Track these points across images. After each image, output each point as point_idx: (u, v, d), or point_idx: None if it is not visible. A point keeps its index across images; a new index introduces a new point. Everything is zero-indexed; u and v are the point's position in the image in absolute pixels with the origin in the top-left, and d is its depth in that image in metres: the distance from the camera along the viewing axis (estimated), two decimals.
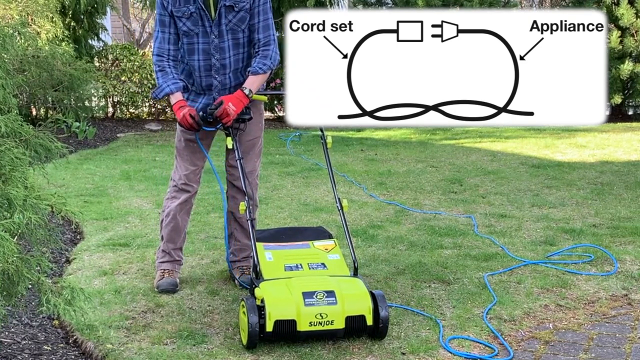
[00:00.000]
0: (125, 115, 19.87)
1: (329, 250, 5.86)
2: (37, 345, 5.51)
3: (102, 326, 5.70)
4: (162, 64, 6.42)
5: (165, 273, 6.61)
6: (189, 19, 6.27)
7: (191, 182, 6.76)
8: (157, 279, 6.60)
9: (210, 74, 6.46)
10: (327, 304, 5.20)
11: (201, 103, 6.54)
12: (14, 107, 4.45)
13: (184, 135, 6.63)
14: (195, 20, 6.28)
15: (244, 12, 6.36)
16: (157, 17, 6.39)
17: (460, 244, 7.88)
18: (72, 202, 9.55)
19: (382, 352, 5.25)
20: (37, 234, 4.58)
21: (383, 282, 6.69)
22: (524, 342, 5.48)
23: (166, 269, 6.65)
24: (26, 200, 4.35)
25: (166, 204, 6.77)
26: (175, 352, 5.25)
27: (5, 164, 4.30)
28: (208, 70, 6.46)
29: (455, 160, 13.65)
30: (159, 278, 6.59)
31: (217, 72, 6.45)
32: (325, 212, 9.20)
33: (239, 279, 6.61)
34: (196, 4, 6.20)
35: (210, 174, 11.66)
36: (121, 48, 19.71)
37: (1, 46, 4.24)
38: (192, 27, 6.31)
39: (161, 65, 6.42)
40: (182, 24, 6.29)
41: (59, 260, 7.55)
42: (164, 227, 6.72)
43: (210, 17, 6.28)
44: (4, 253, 3.93)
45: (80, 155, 14.15)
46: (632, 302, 6.28)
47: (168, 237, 6.68)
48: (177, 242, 6.75)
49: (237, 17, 6.34)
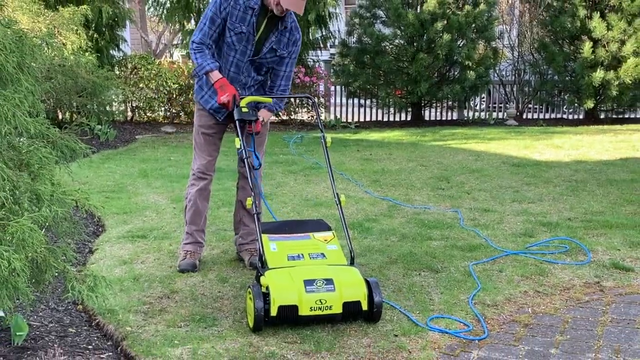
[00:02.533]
0: (143, 118, 19.86)
1: (328, 241, 5.85)
2: (62, 328, 5.51)
3: (122, 310, 5.69)
4: (202, 47, 6.49)
5: (187, 254, 6.82)
6: (236, 35, 6.43)
7: (208, 170, 6.94)
8: (180, 259, 6.82)
9: (234, 85, 6.54)
10: (326, 291, 5.20)
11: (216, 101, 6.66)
12: (42, 111, 4.44)
13: (202, 130, 6.81)
14: (240, 39, 6.45)
15: (280, 57, 6.65)
16: (208, 13, 6.47)
17: (448, 236, 7.88)
18: (95, 197, 9.56)
19: (376, 334, 5.24)
20: (62, 226, 4.57)
21: (377, 271, 6.68)
22: (506, 325, 5.48)
23: (189, 250, 6.86)
24: (53, 195, 4.34)
25: (188, 191, 6.99)
26: (189, 334, 5.24)
27: (34, 162, 4.29)
28: (233, 82, 6.58)
29: (442, 160, 13.65)
30: (182, 258, 6.81)
31: (240, 86, 6.65)
32: (324, 207, 9.20)
33: (249, 260, 6.81)
34: (249, 27, 6.37)
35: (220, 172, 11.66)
36: (139, 58, 19.73)
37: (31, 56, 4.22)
38: (236, 42, 6.48)
39: (201, 49, 6.49)
40: (229, 36, 6.45)
41: (83, 250, 7.55)
42: (187, 212, 6.97)
43: (253, 43, 6.48)
44: (33, 244, 3.92)
45: (102, 155, 14.15)
46: (603, 288, 6.28)
47: (190, 220, 6.92)
48: (199, 224, 6.96)
49: (273, 58, 6.62)
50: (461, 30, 20.07)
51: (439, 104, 22.58)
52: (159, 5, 20.30)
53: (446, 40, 19.60)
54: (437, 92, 20.69)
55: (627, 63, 19.92)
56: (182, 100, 19.73)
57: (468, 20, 20.00)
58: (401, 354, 4.91)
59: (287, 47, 6.62)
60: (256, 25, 6.41)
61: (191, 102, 19.89)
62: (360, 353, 4.92)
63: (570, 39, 21.65)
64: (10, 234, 3.86)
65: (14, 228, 3.87)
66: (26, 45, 4.17)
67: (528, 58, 23.36)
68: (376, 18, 20.89)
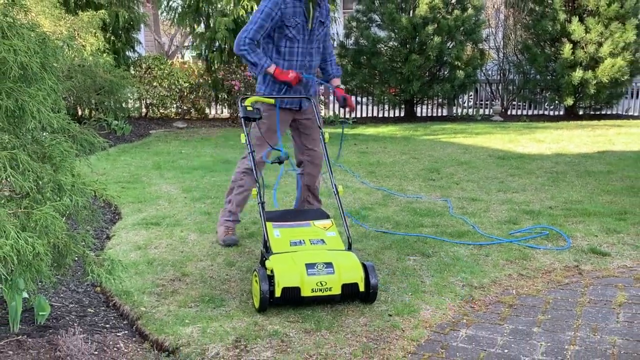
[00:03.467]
0: (156, 115, 19.84)
1: (327, 228, 5.86)
2: (82, 308, 5.51)
3: (137, 292, 5.70)
4: (252, 45, 6.60)
5: (229, 230, 7.14)
6: (295, 28, 6.63)
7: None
8: (222, 234, 7.12)
9: (302, 72, 6.79)
10: (326, 274, 5.20)
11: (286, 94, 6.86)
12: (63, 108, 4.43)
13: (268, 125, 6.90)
14: (299, 30, 6.66)
15: (325, 27, 6.96)
16: (265, 9, 6.57)
17: (438, 223, 7.88)
18: (112, 187, 9.55)
19: (372, 313, 5.24)
20: (82, 214, 4.57)
21: (373, 255, 6.68)
22: (491, 306, 5.47)
23: (229, 226, 7.17)
24: (74, 186, 4.34)
25: (240, 177, 7.11)
26: (198, 314, 5.24)
27: (56, 155, 4.29)
28: (301, 68, 6.82)
29: (433, 153, 13.64)
30: (224, 233, 7.12)
31: (307, 70, 6.88)
32: (324, 197, 9.17)
33: None
34: (301, 17, 6.62)
35: (229, 164, 11.65)
36: (153, 58, 19.71)
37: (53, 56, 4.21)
38: (296, 34, 6.67)
39: (252, 47, 6.60)
40: (289, 31, 6.63)
41: (101, 236, 7.54)
42: (235, 194, 7.15)
43: (308, 28, 6.72)
44: (55, 230, 3.92)
45: (118, 148, 14.14)
46: (582, 272, 6.28)
47: (238, 202, 7.16)
48: (242, 208, 7.29)
49: (323, 30, 6.93)
50: (451, 33, 20.05)
51: (430, 101, 22.56)
52: (171, 10, 20.26)
53: (437, 42, 19.57)
54: (428, 90, 20.68)
55: (604, 63, 19.91)
56: (193, 97, 19.72)
57: (457, 23, 19.97)
58: (395, 332, 4.91)
59: (327, 15, 6.93)
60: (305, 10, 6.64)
61: (201, 100, 19.87)
62: (357, 331, 4.92)
63: (551, 41, 21.60)
64: (34, 221, 3.86)
65: (38, 216, 3.87)
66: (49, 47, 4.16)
67: (512, 59, 23.33)
68: (372, 22, 20.86)
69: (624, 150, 13.96)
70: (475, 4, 20.46)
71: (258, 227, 7.51)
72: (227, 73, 19.00)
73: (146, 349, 4.73)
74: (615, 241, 7.18)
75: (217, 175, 10.96)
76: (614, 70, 19.86)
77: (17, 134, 4.00)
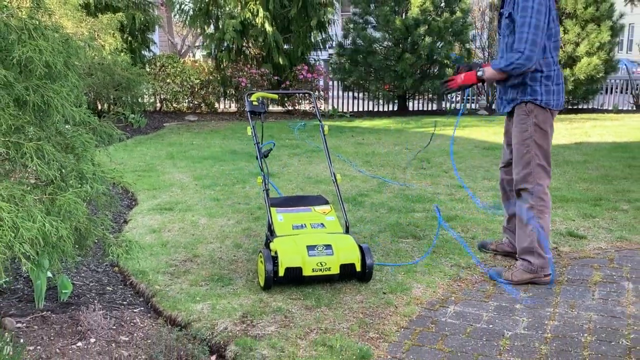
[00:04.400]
0: (170, 109, 19.81)
1: (326, 213, 5.86)
2: (101, 287, 5.51)
3: (152, 272, 5.70)
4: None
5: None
6: (554, 22, 5.39)
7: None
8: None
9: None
10: (326, 255, 5.21)
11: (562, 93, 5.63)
12: (84, 102, 4.43)
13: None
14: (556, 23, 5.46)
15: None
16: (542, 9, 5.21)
17: (428, 209, 7.87)
18: (129, 176, 9.56)
19: (368, 291, 5.24)
20: (101, 200, 4.57)
21: (369, 238, 6.68)
22: (478, 284, 5.48)
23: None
24: (94, 174, 4.34)
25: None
26: (208, 291, 5.24)
27: (78, 145, 4.28)
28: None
29: (423, 143, 13.60)
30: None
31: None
32: (323, 184, 9.19)
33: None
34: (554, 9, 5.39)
35: (235, 154, 11.64)
36: (166, 57, 19.70)
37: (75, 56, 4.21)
38: (555, 26, 5.42)
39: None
40: (553, 26, 5.36)
41: (119, 220, 7.55)
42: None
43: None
44: (77, 215, 3.92)
45: (134, 140, 14.13)
46: (560, 253, 6.29)
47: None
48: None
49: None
50: (440, 33, 20.00)
51: (421, 96, 22.51)
52: (183, 13, 20.24)
53: (427, 42, 19.53)
54: (419, 86, 20.65)
55: (581, 62, 19.88)
56: (203, 93, 19.69)
57: (446, 25, 19.93)
58: (389, 309, 4.92)
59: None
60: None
61: (211, 95, 19.84)
62: (354, 308, 4.93)
63: None
64: (58, 206, 3.85)
65: (61, 201, 3.86)
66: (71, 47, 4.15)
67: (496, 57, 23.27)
68: (368, 23, 20.83)
69: (599, 142, 13.94)
70: (462, 7, 20.44)
71: (263, 212, 7.50)
72: (234, 71, 18.99)
73: (160, 324, 4.74)
74: (591, 225, 7.18)
75: (225, 165, 10.95)
76: (590, 68, 19.84)
77: (42, 127, 4.00)
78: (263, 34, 18.76)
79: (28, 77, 3.82)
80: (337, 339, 4.38)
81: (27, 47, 3.72)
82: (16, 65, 3.75)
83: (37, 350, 4.21)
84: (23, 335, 4.40)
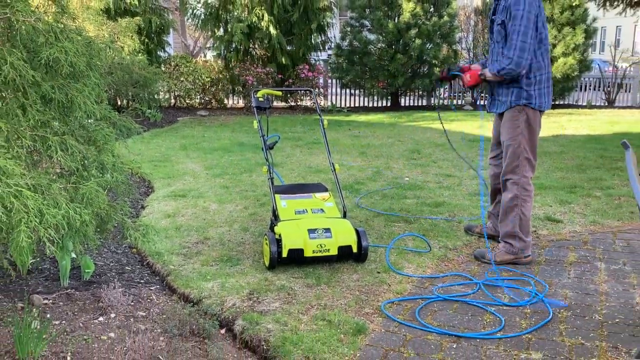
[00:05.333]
0: (183, 104, 19.77)
1: (326, 199, 5.85)
2: (121, 266, 5.51)
3: (167, 253, 5.70)
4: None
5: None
6: (544, 26, 5.32)
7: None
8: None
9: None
10: (325, 237, 5.21)
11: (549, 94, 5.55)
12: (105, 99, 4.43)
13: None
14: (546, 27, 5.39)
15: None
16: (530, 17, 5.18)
17: (419, 195, 7.86)
18: (146, 166, 9.54)
19: (363, 271, 5.24)
20: (121, 188, 4.56)
21: (364, 222, 6.67)
22: (464, 264, 5.48)
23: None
24: (114, 164, 4.33)
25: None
26: (218, 271, 5.24)
27: (99, 138, 4.28)
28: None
29: (414, 137, 13.61)
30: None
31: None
32: (323, 173, 9.18)
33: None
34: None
35: (242, 146, 11.62)
36: (180, 57, 19.65)
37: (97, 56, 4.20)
38: (546, 32, 5.36)
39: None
40: (544, 30, 5.30)
41: (136, 206, 7.53)
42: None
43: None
44: (98, 202, 3.92)
45: (151, 133, 14.11)
46: (539, 236, 6.29)
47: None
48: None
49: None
50: (429, 36, 19.95)
51: (412, 93, 22.46)
52: (195, 17, 20.21)
53: (418, 44, 19.50)
54: (410, 84, 20.62)
55: (558, 62, 19.84)
56: (213, 90, 19.66)
57: (435, 28, 19.89)
58: (382, 287, 4.92)
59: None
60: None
61: (220, 92, 19.82)
62: (351, 286, 4.93)
63: None
64: (81, 194, 3.85)
65: (84, 190, 3.86)
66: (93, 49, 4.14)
67: (480, 58, 23.25)
68: (363, 27, 20.78)
69: (574, 134, 13.92)
70: (449, 12, 20.41)
71: (268, 198, 7.49)
72: (242, 70, 18.98)
73: (174, 300, 4.74)
74: (566, 210, 7.18)
75: (233, 155, 10.93)
76: (565, 68, 19.82)
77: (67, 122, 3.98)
78: (268, 36, 18.73)
79: (54, 77, 3.80)
80: (335, 314, 4.38)
81: (53, 49, 3.71)
82: (43, 65, 3.74)
83: (62, 324, 4.21)
84: (49, 311, 4.40)
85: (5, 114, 3.60)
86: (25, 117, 3.65)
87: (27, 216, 3.18)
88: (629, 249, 5.86)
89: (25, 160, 3.61)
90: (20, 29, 3.62)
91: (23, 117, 3.64)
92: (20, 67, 3.51)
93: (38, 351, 3.68)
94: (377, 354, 3.85)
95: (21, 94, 3.66)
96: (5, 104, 3.65)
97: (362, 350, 3.91)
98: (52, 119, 3.83)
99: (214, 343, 4.01)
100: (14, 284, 4.87)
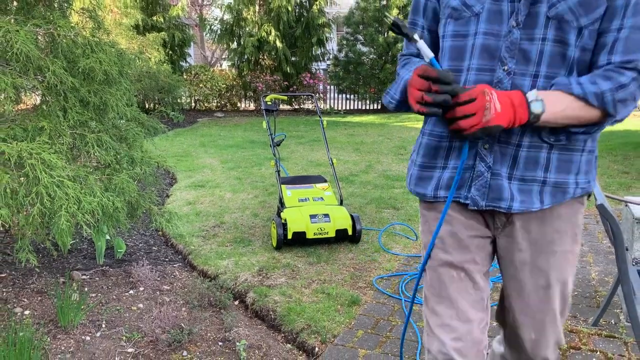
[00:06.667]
0: (202, 107, 19.75)
1: (325, 189, 5.85)
2: (148, 247, 5.51)
3: (188, 235, 5.69)
4: None
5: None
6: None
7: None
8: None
9: None
10: (325, 222, 5.21)
11: None
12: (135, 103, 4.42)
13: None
14: None
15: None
16: None
17: (405, 186, 7.86)
18: (170, 160, 9.53)
19: (357, 251, 5.24)
20: (148, 179, 4.55)
21: (358, 209, 6.67)
22: None
23: None
24: (142, 159, 4.33)
25: None
26: (233, 250, 5.24)
27: (130, 136, 4.28)
28: None
29: (402, 135, 13.59)
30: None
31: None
32: (323, 167, 9.17)
33: None
34: None
35: (254, 143, 11.57)
36: (199, 67, 19.61)
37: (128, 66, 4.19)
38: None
39: None
40: None
41: (162, 195, 7.53)
42: None
43: None
44: (129, 191, 3.91)
45: (174, 132, 14.09)
46: None
47: None
48: None
49: None
50: None
51: None
52: (212, 32, 20.18)
53: None
54: None
55: None
56: (228, 95, 19.67)
57: None
58: (374, 264, 4.92)
59: None
60: None
61: (234, 97, 19.83)
62: (347, 263, 4.92)
63: None
64: (114, 184, 3.85)
65: (117, 181, 3.86)
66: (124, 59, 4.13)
67: None
68: (357, 41, 20.75)
69: None
70: None
71: (275, 188, 7.49)
72: (253, 77, 18.99)
73: (195, 276, 4.74)
74: None
75: (246, 151, 10.92)
76: None
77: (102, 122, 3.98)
78: (275, 49, 18.74)
79: (90, 83, 3.80)
80: (333, 287, 4.38)
81: (90, 59, 3.70)
82: (81, 73, 3.73)
83: (98, 296, 4.21)
84: (87, 285, 4.40)
85: (48, 115, 3.60)
86: (65, 117, 3.65)
87: (67, 203, 3.18)
88: (585, 232, 5.85)
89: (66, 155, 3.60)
90: (62, 43, 3.61)
91: (64, 118, 3.64)
92: (61, 75, 3.50)
93: (77, 319, 3.69)
94: (369, 322, 3.86)
95: (62, 98, 3.65)
96: (48, 106, 3.65)
97: (356, 319, 3.91)
98: (89, 119, 3.82)
99: (229, 313, 4.01)
100: (57, 262, 4.87)
